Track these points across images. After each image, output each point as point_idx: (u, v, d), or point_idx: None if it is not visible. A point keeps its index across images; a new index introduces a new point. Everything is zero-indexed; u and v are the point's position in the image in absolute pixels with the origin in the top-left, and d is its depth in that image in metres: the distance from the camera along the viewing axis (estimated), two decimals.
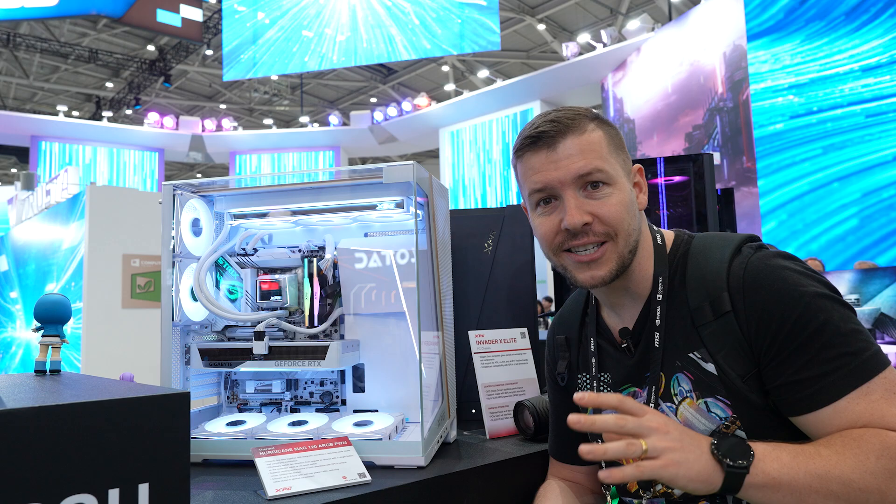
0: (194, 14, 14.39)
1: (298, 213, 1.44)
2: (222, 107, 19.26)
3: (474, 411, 1.60)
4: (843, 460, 0.83)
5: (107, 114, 16.55)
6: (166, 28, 13.98)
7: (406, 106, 14.85)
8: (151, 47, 16.06)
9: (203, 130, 15.98)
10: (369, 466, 1.13)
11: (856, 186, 7.41)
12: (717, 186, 2.61)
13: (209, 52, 16.66)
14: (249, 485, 1.09)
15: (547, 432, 1.33)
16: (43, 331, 1.09)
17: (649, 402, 1.05)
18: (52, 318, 1.09)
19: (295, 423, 1.33)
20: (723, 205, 2.97)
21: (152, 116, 15.71)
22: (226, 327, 1.41)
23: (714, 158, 2.49)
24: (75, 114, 17.78)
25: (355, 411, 1.44)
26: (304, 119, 17.24)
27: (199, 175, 20.93)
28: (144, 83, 16.77)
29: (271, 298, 1.39)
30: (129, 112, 17.95)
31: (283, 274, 1.42)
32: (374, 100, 18.43)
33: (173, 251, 1.35)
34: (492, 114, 13.87)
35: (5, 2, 12.81)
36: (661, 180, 2.50)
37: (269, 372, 1.48)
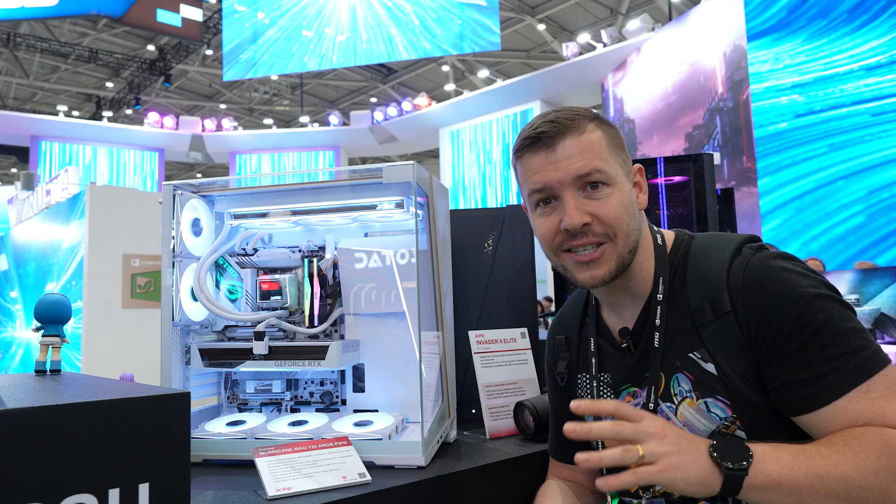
0: (194, 14, 14.39)
1: (298, 213, 1.44)
2: (222, 107, 19.26)
3: (474, 411, 1.60)
4: (844, 459, 0.83)
5: (107, 114, 16.55)
6: (166, 28, 13.99)
7: (406, 106, 14.85)
8: (151, 47, 16.06)
9: (203, 130, 15.98)
10: (369, 466, 1.13)
11: (862, 184, 7.39)
12: (717, 186, 2.61)
13: (209, 52, 16.66)
14: (249, 485, 1.09)
15: (547, 432, 1.33)
16: (43, 331, 1.09)
17: (649, 402, 1.05)
18: (53, 317, 1.09)
19: (295, 423, 1.33)
20: (723, 205, 2.97)
21: (152, 116, 15.72)
22: (226, 327, 1.41)
23: (714, 158, 2.49)
24: (75, 114, 17.77)
25: (355, 411, 1.44)
26: (304, 119, 17.24)
27: (199, 175, 20.93)
28: (144, 83, 16.77)
29: (271, 298, 1.39)
30: (129, 112, 17.95)
31: (283, 274, 1.42)
32: (374, 100, 18.43)
33: (173, 251, 1.35)
34: (492, 114, 13.87)
35: (5, 2, 12.81)
36: (661, 180, 2.50)
37: (270, 372, 1.48)
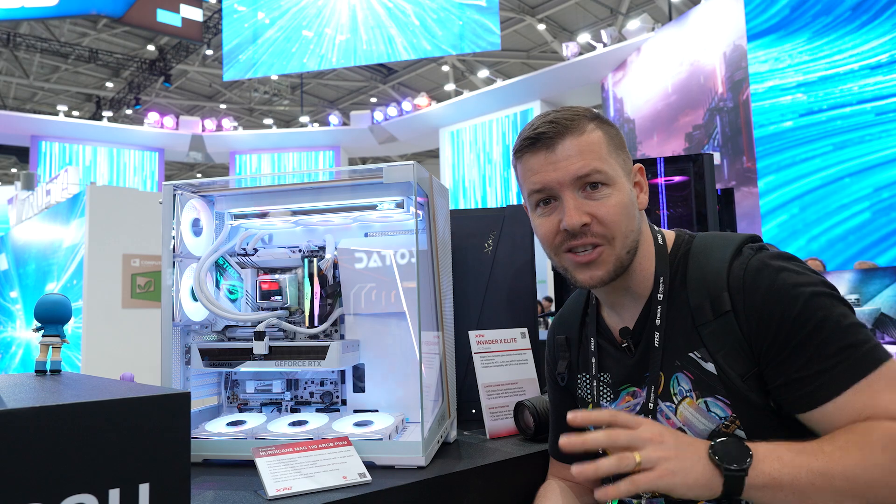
0: (194, 14, 14.39)
1: (299, 213, 1.44)
2: (222, 107, 19.26)
3: (474, 411, 1.60)
4: (847, 455, 0.83)
5: (107, 114, 16.55)
6: (166, 28, 13.99)
7: (406, 106, 14.85)
8: (151, 47, 16.06)
9: (203, 130, 15.98)
10: (369, 466, 1.13)
11: (863, 184, 7.37)
12: (717, 186, 2.61)
13: (209, 52, 16.66)
14: (250, 485, 1.09)
15: (547, 432, 1.33)
16: (43, 331, 1.09)
17: (648, 402, 1.05)
18: (53, 317, 1.09)
19: (295, 423, 1.33)
20: (723, 205, 2.97)
21: (152, 116, 15.72)
22: (226, 327, 1.41)
23: (714, 158, 2.49)
24: (75, 114, 17.77)
25: (355, 411, 1.44)
26: (304, 119, 17.24)
27: (199, 175, 20.93)
28: (144, 83, 16.77)
29: (271, 298, 1.39)
30: (129, 112, 17.95)
31: (283, 274, 1.42)
32: (374, 100, 18.43)
33: (173, 251, 1.35)
34: (492, 114, 13.87)
35: (5, 2, 12.81)
36: (661, 180, 2.50)
37: (270, 372, 1.48)
